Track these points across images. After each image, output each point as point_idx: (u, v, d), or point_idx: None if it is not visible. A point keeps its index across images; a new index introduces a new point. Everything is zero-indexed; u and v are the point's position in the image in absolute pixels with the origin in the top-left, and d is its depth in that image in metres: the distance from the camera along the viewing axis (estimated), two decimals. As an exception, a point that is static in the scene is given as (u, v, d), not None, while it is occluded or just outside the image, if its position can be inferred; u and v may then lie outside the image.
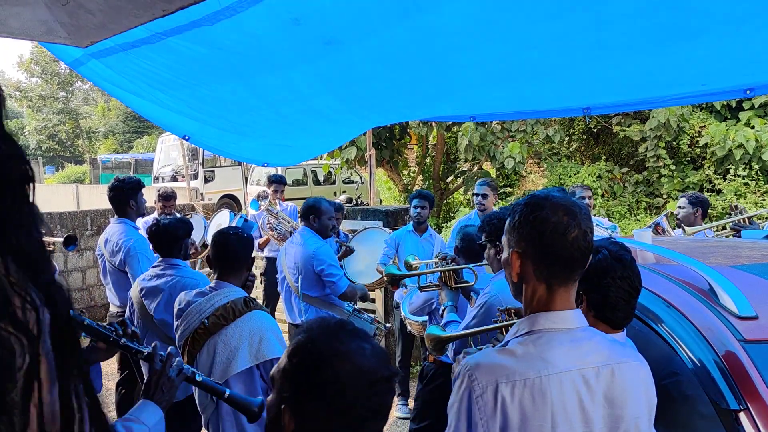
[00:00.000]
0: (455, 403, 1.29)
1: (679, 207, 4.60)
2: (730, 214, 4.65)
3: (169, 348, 1.82)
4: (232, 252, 2.52)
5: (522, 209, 1.37)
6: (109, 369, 5.99)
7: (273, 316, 5.85)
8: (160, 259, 3.25)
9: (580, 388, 1.28)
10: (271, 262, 6.04)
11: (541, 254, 1.33)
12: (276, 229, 5.78)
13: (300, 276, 4.11)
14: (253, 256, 6.16)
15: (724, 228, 4.56)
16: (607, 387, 1.31)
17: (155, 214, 5.68)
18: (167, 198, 5.63)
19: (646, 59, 2.50)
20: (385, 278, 2.77)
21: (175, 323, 2.59)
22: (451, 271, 2.76)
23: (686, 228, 4.39)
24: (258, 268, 7.00)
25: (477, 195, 5.06)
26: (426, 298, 3.35)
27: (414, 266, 3.13)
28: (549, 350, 1.29)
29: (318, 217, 4.14)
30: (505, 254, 1.42)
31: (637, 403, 1.34)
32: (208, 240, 5.07)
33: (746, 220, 4.58)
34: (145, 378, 1.79)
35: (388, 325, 4.55)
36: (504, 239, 1.43)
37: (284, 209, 6.20)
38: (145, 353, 1.79)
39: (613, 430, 1.32)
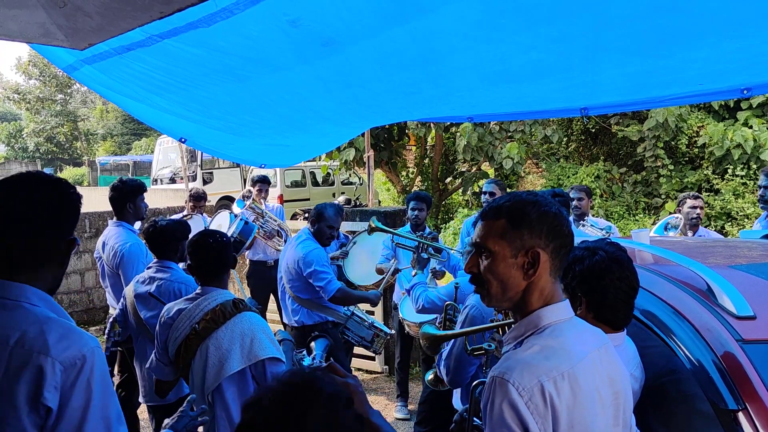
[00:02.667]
0: (501, 418, 1.22)
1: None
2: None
3: None
4: (211, 258, 2.51)
5: (527, 208, 1.35)
6: (108, 371, 5.99)
7: (264, 318, 5.83)
8: (155, 260, 3.25)
9: (594, 372, 1.32)
10: (257, 265, 6.01)
11: (559, 247, 1.36)
12: (263, 227, 5.76)
13: (292, 278, 4.11)
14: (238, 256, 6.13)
15: None
16: (607, 366, 1.37)
17: (185, 213, 5.77)
18: (198, 198, 5.88)
19: (643, 60, 2.51)
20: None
21: (157, 330, 2.57)
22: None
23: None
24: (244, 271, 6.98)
25: (485, 193, 4.98)
26: (444, 298, 3.24)
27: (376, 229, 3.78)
28: (566, 341, 1.31)
29: (318, 221, 4.12)
30: (506, 257, 1.34)
31: (622, 377, 1.41)
32: None
33: None
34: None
35: (391, 331, 4.46)
36: (502, 243, 1.35)
37: (271, 210, 6.19)
38: None
39: (616, 407, 1.37)
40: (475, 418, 1.94)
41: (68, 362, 1.37)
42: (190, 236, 2.80)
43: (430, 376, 2.75)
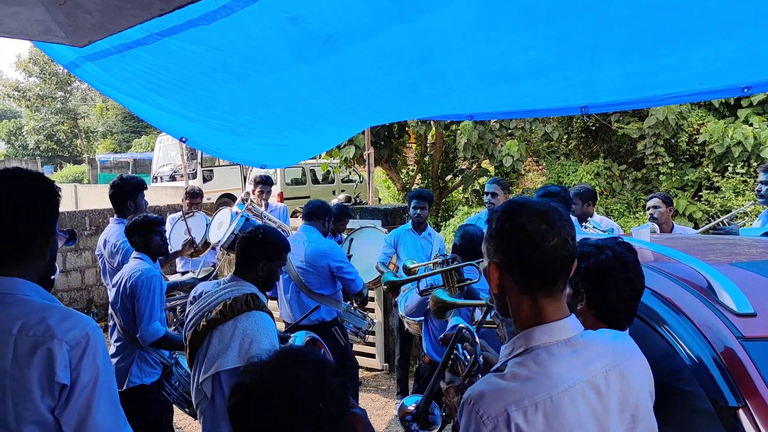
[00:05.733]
0: None
1: (654, 207, 4.65)
2: (710, 220, 4.77)
3: None
4: (240, 249, 2.62)
5: (498, 217, 1.30)
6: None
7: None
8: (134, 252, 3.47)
9: (592, 400, 1.22)
10: None
11: (519, 265, 1.26)
12: None
13: (312, 274, 4.10)
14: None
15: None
16: (619, 390, 1.26)
17: (182, 212, 5.83)
18: (194, 196, 5.92)
19: (643, 59, 2.50)
20: (384, 286, 2.73)
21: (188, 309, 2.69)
22: (453, 270, 2.70)
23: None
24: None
25: (487, 194, 4.95)
26: (421, 300, 3.33)
27: (413, 270, 3.09)
28: (552, 366, 1.22)
29: (322, 217, 4.32)
30: (484, 263, 1.35)
31: (645, 397, 1.32)
32: (210, 238, 5.08)
33: (725, 222, 4.66)
34: None
35: (375, 320, 4.80)
36: (483, 248, 1.35)
37: (275, 210, 6.19)
38: None
39: (631, 431, 1.28)
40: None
41: (73, 342, 1.43)
42: (195, 234, 2.80)
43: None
